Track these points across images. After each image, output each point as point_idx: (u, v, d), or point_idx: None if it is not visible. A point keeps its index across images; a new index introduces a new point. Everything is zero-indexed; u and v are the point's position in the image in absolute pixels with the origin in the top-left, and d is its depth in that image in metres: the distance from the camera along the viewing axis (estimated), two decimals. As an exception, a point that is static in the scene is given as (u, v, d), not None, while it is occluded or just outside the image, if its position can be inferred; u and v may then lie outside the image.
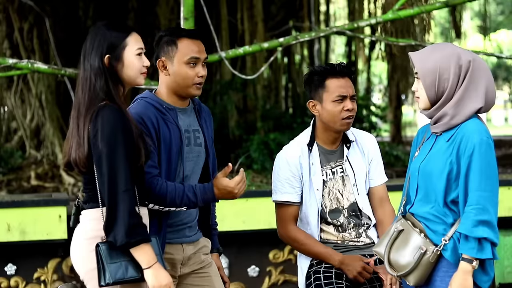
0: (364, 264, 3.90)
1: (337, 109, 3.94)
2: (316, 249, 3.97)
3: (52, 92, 12.09)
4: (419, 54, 3.40)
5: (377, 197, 4.09)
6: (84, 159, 3.19)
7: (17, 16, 11.96)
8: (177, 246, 3.69)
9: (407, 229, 3.40)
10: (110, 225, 3.13)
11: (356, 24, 6.97)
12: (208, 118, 3.86)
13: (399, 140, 17.57)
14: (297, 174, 4.00)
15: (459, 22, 15.18)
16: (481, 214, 3.19)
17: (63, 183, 11.16)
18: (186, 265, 3.72)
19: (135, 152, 3.21)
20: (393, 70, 15.79)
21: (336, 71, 3.97)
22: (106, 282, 3.14)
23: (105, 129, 3.15)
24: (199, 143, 3.73)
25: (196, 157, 3.72)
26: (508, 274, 6.29)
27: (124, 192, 3.13)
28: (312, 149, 4.02)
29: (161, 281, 3.17)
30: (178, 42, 3.66)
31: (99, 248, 3.15)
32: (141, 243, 3.14)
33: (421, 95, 3.39)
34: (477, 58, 3.35)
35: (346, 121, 3.95)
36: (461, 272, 3.21)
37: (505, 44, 35.76)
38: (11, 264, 5.90)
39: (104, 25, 3.32)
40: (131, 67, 3.31)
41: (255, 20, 12.86)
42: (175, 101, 3.70)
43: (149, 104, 3.62)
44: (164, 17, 12.49)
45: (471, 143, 3.24)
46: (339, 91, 3.94)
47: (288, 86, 16.58)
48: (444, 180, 3.29)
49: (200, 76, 3.67)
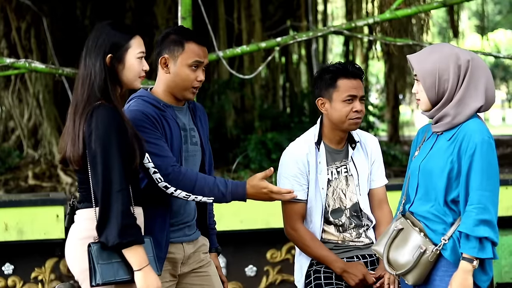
0: (365, 271, 3.90)
1: (346, 109, 3.95)
2: (320, 252, 3.96)
3: (49, 92, 12.07)
4: (417, 56, 3.40)
5: (377, 199, 4.11)
6: (79, 158, 3.19)
7: (14, 15, 11.94)
8: (177, 245, 3.69)
9: (407, 228, 3.40)
10: (102, 225, 3.13)
11: (353, 23, 6.97)
12: (203, 117, 3.86)
13: (397, 139, 17.56)
14: (304, 171, 4.00)
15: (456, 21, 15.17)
16: (483, 214, 3.19)
17: (60, 183, 11.15)
18: (186, 264, 3.73)
19: (129, 152, 3.21)
20: (390, 69, 15.77)
21: (349, 72, 3.98)
22: (97, 282, 3.13)
23: (100, 129, 3.14)
24: (195, 142, 3.74)
25: (193, 156, 3.73)
26: (505, 274, 6.29)
27: (118, 192, 3.12)
28: (320, 148, 4.02)
29: (149, 285, 3.15)
30: (185, 44, 3.67)
31: (90, 248, 3.14)
32: (134, 244, 3.14)
33: (422, 97, 3.39)
34: (475, 57, 3.35)
35: (355, 121, 3.96)
36: (461, 271, 3.21)
37: (502, 44, 35.78)
38: (8, 264, 5.90)
39: (109, 25, 3.31)
40: (131, 69, 3.31)
41: (253, 19, 12.85)
42: (171, 100, 3.71)
43: (146, 103, 3.62)
44: (162, 16, 12.47)
45: (473, 142, 3.25)
46: (350, 91, 3.95)
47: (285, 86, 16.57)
48: (445, 178, 3.29)
49: (199, 81, 3.67)
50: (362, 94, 4.00)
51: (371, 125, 14.65)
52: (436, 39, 28.85)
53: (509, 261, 6.31)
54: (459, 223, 3.27)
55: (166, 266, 3.66)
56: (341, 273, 3.92)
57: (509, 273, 6.31)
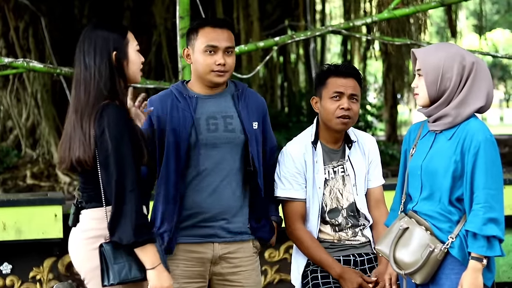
0: (362, 281, 3.89)
1: (333, 106, 3.93)
2: (318, 255, 3.95)
3: (47, 91, 12.08)
4: (423, 50, 3.41)
5: (374, 199, 4.09)
6: (91, 159, 3.19)
7: (12, 15, 11.95)
8: (207, 245, 3.73)
9: (412, 227, 3.39)
10: (115, 225, 3.13)
11: (351, 23, 6.96)
12: (252, 103, 3.83)
13: (395, 139, 17.58)
14: (302, 170, 3.99)
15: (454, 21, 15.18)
16: (490, 212, 3.20)
17: (58, 182, 11.16)
18: (218, 264, 3.76)
19: (139, 151, 3.23)
20: (388, 69, 15.79)
21: (339, 70, 3.97)
22: (110, 282, 3.15)
23: (112, 128, 3.14)
24: (230, 129, 3.73)
25: (227, 143, 3.72)
26: (503, 273, 6.30)
27: (131, 191, 3.13)
28: (316, 147, 4.02)
29: (162, 283, 3.17)
30: (199, 30, 3.73)
31: (103, 248, 3.15)
32: (148, 243, 3.15)
33: (421, 92, 3.40)
34: (479, 60, 3.36)
35: (341, 120, 3.92)
36: (471, 270, 3.22)
37: (500, 43, 35.79)
38: (6, 263, 5.89)
39: (101, 24, 3.33)
40: (134, 62, 3.35)
41: (251, 19, 12.86)
42: (201, 89, 3.77)
43: (171, 92, 3.76)
44: (160, 16, 12.48)
45: (476, 141, 3.25)
46: (337, 88, 3.93)
47: (283, 85, 16.59)
48: (450, 178, 3.30)
49: (219, 64, 3.69)
50: (352, 93, 3.95)
51: (369, 124, 14.68)
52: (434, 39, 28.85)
53: (506, 261, 6.32)
54: (465, 221, 3.28)
55: (194, 266, 3.70)
56: (338, 278, 3.91)
57: (506, 273, 6.31)
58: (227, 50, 3.72)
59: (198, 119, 3.70)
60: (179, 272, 3.70)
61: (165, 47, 12.40)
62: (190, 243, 3.71)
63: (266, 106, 3.92)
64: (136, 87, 4.05)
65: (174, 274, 3.64)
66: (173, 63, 11.86)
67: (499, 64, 36.25)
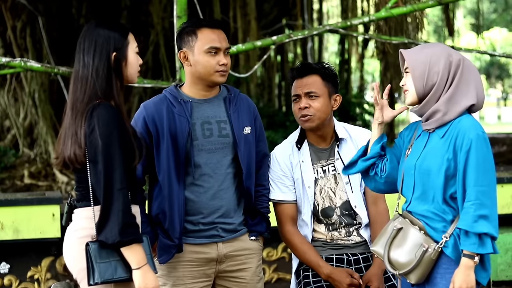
0: (351, 280, 3.88)
1: (294, 108, 3.98)
2: (307, 256, 3.95)
3: (45, 91, 12.07)
4: (410, 50, 3.45)
5: (371, 195, 4.03)
6: (82, 157, 3.18)
7: (10, 14, 11.94)
8: (211, 246, 3.75)
9: (406, 227, 3.40)
10: (102, 223, 3.12)
11: (349, 22, 6.97)
12: (243, 108, 3.84)
13: (392, 138, 17.57)
14: (288, 173, 3.99)
15: (452, 20, 15.18)
16: (480, 209, 3.19)
17: (56, 182, 11.15)
18: (223, 263, 3.78)
19: (130, 151, 3.21)
20: (386, 68, 15.78)
21: (298, 73, 3.99)
22: (95, 281, 3.13)
23: (101, 127, 3.14)
24: (225, 134, 3.74)
25: (221, 148, 3.73)
26: (501, 272, 6.31)
27: (119, 190, 3.12)
28: (301, 147, 4.02)
29: (147, 284, 3.15)
30: (198, 32, 3.72)
31: (88, 247, 3.14)
32: (134, 243, 3.13)
33: (410, 88, 3.41)
34: (466, 59, 3.39)
35: (302, 119, 3.96)
36: (463, 268, 3.22)
37: (498, 42, 35.83)
38: (4, 263, 5.89)
39: (103, 24, 3.32)
40: (133, 64, 3.34)
41: (248, 18, 12.87)
42: (196, 92, 3.76)
43: (165, 97, 3.73)
44: (157, 15, 12.48)
45: (468, 138, 3.25)
46: (294, 91, 3.97)
47: (281, 85, 16.59)
48: (443, 177, 3.29)
49: (222, 64, 3.71)
50: (307, 91, 3.95)
51: (367, 123, 14.68)
52: (432, 38, 28.87)
53: (504, 259, 6.33)
54: (459, 220, 3.28)
55: (199, 266, 3.72)
56: (327, 278, 3.91)
57: (504, 271, 6.32)
58: (226, 50, 3.76)
59: (194, 124, 3.71)
60: (185, 273, 3.72)
61: (162, 47, 12.41)
62: (194, 244, 3.73)
63: (257, 112, 3.94)
64: (134, 86, 4.04)
65: (180, 275, 3.69)
66: (170, 62, 11.86)
67: (496, 63, 36.29)
